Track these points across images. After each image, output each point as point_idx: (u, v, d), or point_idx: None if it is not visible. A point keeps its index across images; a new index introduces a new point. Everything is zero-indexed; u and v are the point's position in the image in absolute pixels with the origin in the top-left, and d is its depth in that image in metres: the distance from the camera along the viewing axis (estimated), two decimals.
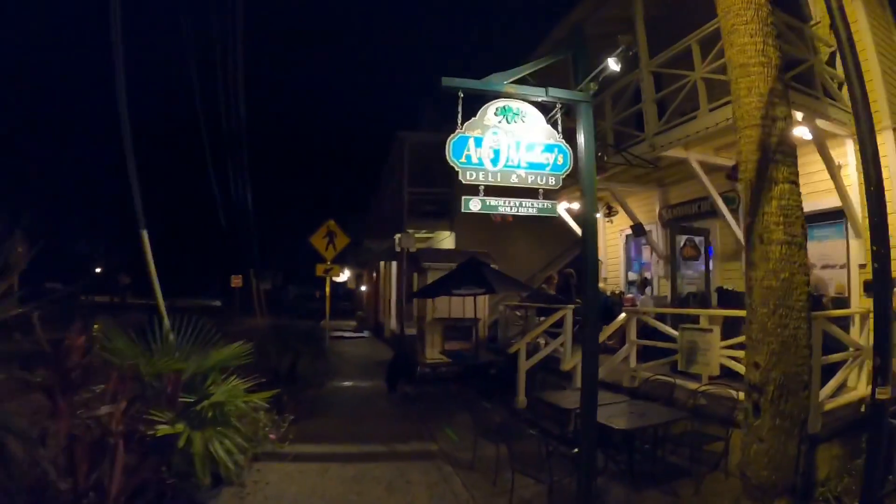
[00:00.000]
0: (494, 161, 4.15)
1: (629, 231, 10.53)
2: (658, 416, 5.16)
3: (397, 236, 16.85)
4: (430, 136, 17.60)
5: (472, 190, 4.18)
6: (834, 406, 5.18)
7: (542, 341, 9.53)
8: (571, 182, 5.05)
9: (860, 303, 6.34)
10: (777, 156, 3.33)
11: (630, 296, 10.38)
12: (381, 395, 9.96)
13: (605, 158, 6.35)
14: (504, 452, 4.92)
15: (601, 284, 10.75)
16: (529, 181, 4.23)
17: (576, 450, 4.38)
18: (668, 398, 6.08)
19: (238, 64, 14.90)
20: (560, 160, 4.29)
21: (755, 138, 3.37)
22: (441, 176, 17.67)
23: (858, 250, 6.48)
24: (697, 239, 8.39)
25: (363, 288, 32.40)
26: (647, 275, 10.54)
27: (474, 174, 4.13)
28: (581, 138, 4.27)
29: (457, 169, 4.10)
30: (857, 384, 5.79)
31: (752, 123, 3.38)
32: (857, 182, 6.34)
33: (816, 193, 6.76)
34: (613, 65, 3.96)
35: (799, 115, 5.86)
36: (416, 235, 16.94)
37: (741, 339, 6.19)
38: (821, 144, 6.09)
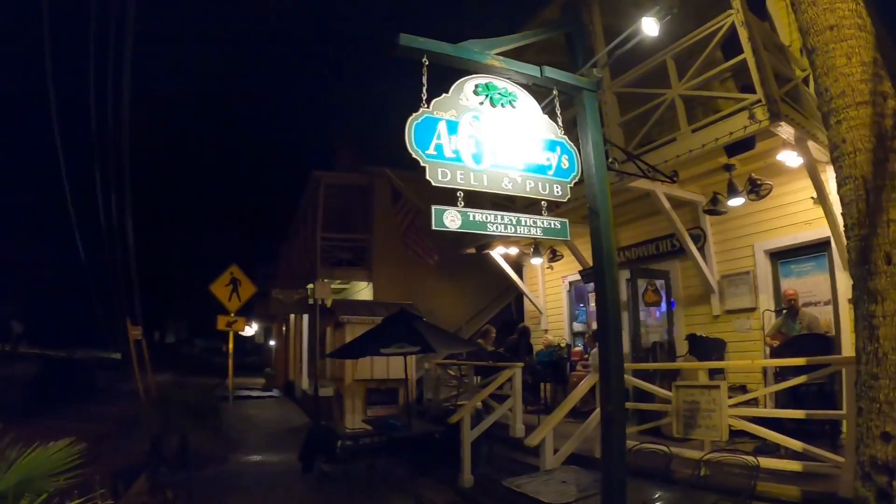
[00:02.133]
0: (477, 157, 2.88)
1: (574, 277, 9.62)
2: None
3: (310, 286, 15.15)
4: (348, 176, 16.37)
5: (447, 198, 2.90)
6: None
7: (479, 405, 8.25)
8: None
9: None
10: (895, 143, 2.36)
11: (578, 349, 9.36)
12: (295, 475, 8.12)
13: (617, 164, 5.22)
14: None
15: (549, 337, 9.71)
16: (528, 188, 2.97)
17: None
18: (663, 471, 4.93)
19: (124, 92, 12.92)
20: (565, 162, 3.09)
21: (865, 120, 2.39)
22: (357, 221, 16.36)
23: (847, 284, 5.84)
24: (658, 282, 7.56)
25: (272, 343, 29.81)
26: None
27: (449, 173, 2.82)
28: (588, 135, 3.15)
29: (422, 164, 2.77)
30: None
31: (860, 100, 2.40)
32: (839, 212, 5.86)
33: (795, 226, 6.34)
34: (650, 27, 2.82)
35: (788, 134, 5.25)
36: (332, 286, 15.33)
37: (749, 395, 5.28)
38: (812, 168, 5.45)
